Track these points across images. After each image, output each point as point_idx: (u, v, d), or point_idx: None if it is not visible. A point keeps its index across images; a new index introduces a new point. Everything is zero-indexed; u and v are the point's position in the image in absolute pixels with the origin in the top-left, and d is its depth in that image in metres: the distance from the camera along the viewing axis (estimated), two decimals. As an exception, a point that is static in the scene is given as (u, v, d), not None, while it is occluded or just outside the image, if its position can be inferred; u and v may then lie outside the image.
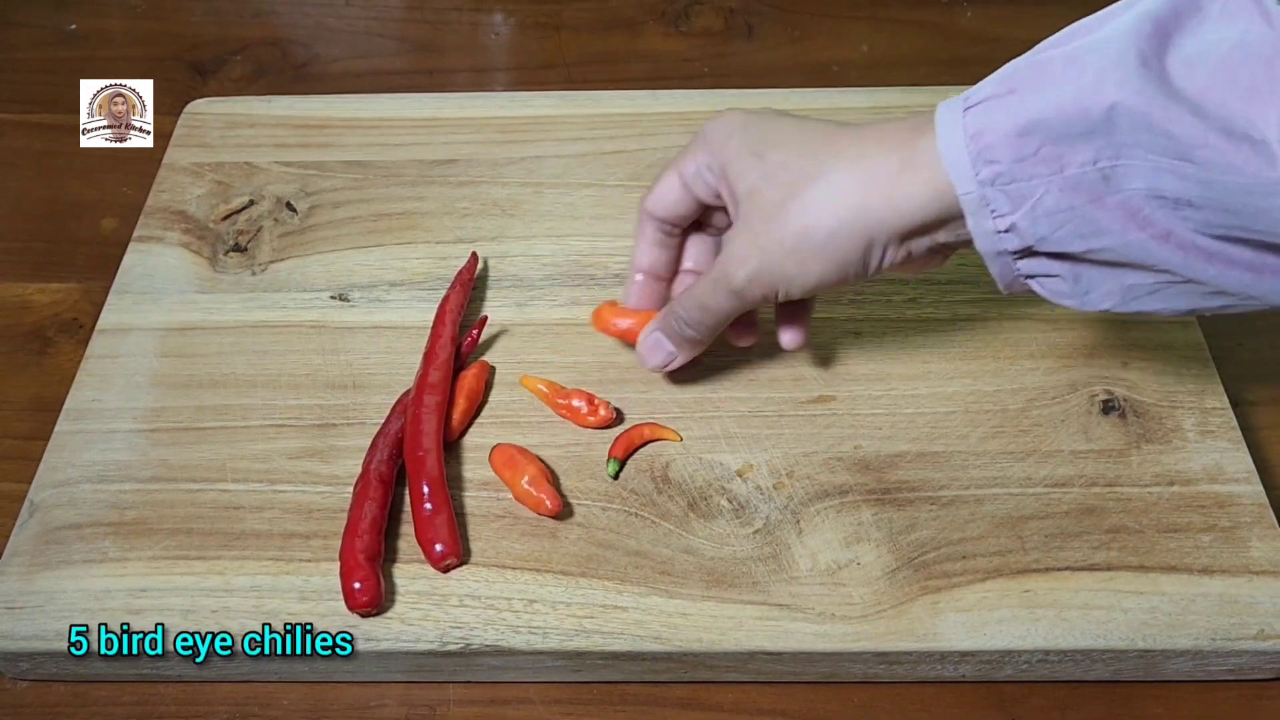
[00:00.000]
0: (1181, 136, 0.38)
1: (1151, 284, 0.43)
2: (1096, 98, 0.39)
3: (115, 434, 0.57)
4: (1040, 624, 0.50)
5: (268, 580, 0.52)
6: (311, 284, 0.64)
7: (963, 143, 0.43)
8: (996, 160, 0.42)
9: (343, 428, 0.57)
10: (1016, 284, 0.46)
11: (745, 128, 0.50)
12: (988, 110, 0.42)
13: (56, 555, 0.53)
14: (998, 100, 0.42)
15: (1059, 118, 0.40)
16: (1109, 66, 0.39)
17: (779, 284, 0.49)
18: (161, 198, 0.69)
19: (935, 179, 0.44)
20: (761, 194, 0.48)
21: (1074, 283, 0.44)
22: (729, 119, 0.51)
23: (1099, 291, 0.44)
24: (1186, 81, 0.39)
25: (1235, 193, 0.38)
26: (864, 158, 0.46)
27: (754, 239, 0.49)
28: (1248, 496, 0.54)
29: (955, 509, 0.54)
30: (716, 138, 0.51)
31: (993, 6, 0.85)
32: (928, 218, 0.45)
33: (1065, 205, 0.41)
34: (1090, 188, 0.41)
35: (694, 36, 0.85)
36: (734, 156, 0.50)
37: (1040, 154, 0.41)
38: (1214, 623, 0.50)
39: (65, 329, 0.66)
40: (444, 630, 0.50)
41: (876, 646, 0.50)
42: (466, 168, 0.70)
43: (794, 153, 0.48)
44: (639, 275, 0.56)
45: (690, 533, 0.53)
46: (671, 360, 0.55)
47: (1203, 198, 0.39)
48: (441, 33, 0.85)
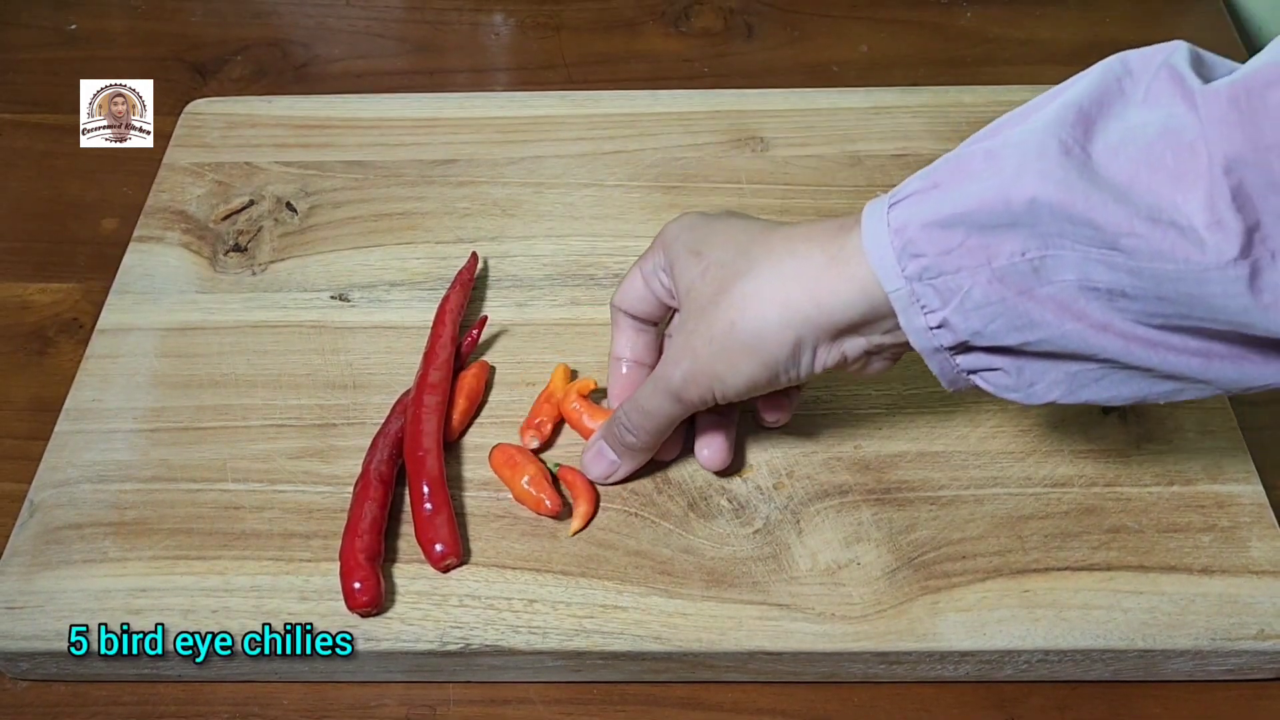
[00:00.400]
0: (1106, 225, 0.37)
1: (1097, 371, 0.42)
2: (1018, 190, 0.38)
3: (115, 434, 0.57)
4: (1040, 624, 0.50)
5: (268, 580, 0.52)
6: (312, 284, 0.64)
7: (886, 238, 0.42)
8: (921, 254, 0.41)
9: (343, 428, 0.57)
10: (960, 380, 0.45)
11: (693, 228, 0.50)
12: (911, 206, 0.42)
13: (57, 555, 0.53)
14: (921, 195, 0.42)
15: (981, 210, 0.39)
16: (1030, 158, 0.39)
17: (713, 384, 0.48)
18: (162, 198, 0.68)
19: (860, 275, 0.43)
20: (697, 291, 0.48)
21: (1017, 375, 0.43)
22: (683, 219, 0.51)
23: (1044, 383, 0.43)
24: (1111, 169, 0.38)
25: (1167, 280, 0.37)
26: (791, 255, 0.45)
27: (688, 339, 0.48)
28: (1247, 496, 0.54)
29: (955, 509, 0.54)
30: (668, 237, 0.51)
31: (992, 7, 0.85)
32: (854, 316, 0.44)
33: (995, 298, 0.41)
34: (1019, 280, 0.40)
35: (694, 37, 0.84)
36: (678, 256, 0.50)
37: (965, 245, 0.40)
38: (1213, 623, 0.50)
39: (65, 329, 0.66)
40: (444, 630, 0.50)
41: (876, 646, 0.49)
42: (466, 168, 0.70)
43: (729, 250, 0.48)
44: (622, 363, 0.55)
45: (690, 533, 0.53)
46: (614, 470, 0.54)
47: (1136, 287, 0.38)
48: (441, 33, 0.85)
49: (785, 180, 0.69)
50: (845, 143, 0.70)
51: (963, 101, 0.72)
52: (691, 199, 0.68)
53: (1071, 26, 0.83)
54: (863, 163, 0.69)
